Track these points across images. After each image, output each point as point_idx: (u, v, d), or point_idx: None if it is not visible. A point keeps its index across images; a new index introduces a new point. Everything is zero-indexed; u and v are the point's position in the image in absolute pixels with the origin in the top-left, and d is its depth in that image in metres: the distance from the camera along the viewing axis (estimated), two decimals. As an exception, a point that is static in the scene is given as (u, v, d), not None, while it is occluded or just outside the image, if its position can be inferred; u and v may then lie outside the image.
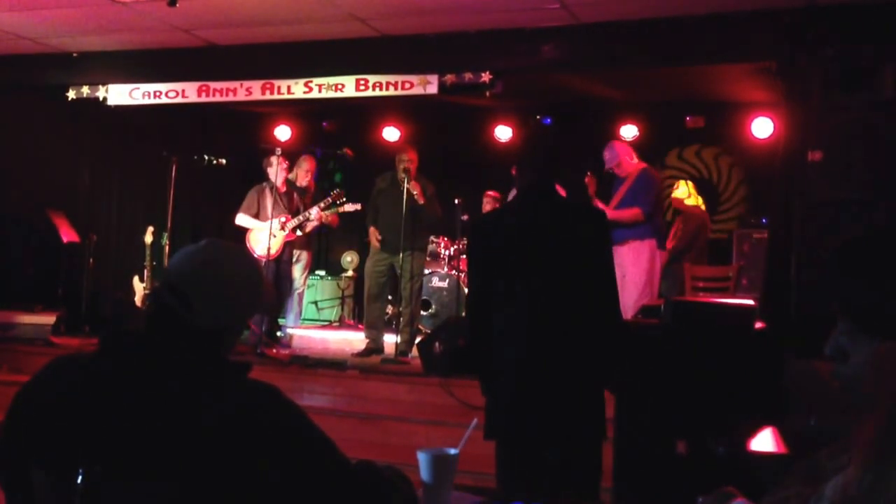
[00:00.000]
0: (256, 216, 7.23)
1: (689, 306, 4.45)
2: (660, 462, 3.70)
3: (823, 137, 5.16)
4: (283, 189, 7.40)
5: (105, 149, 8.96)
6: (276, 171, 7.28)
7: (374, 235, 7.06)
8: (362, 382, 6.06)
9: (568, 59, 6.31)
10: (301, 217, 7.33)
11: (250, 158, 8.90)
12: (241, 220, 7.30)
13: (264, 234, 7.01)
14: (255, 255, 6.90)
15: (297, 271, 7.89)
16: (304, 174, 7.75)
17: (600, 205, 6.43)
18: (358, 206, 7.52)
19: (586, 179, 6.68)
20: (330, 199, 7.42)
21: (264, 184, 7.31)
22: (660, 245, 6.12)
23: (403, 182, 6.72)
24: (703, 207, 8.09)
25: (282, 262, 7.40)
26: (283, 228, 7.22)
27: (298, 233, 7.42)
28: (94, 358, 1.68)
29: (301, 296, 8.47)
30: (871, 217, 4.87)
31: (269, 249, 6.91)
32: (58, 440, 1.59)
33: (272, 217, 7.09)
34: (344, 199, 7.47)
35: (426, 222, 6.84)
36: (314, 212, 7.34)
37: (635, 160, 6.43)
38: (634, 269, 6.07)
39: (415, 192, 6.72)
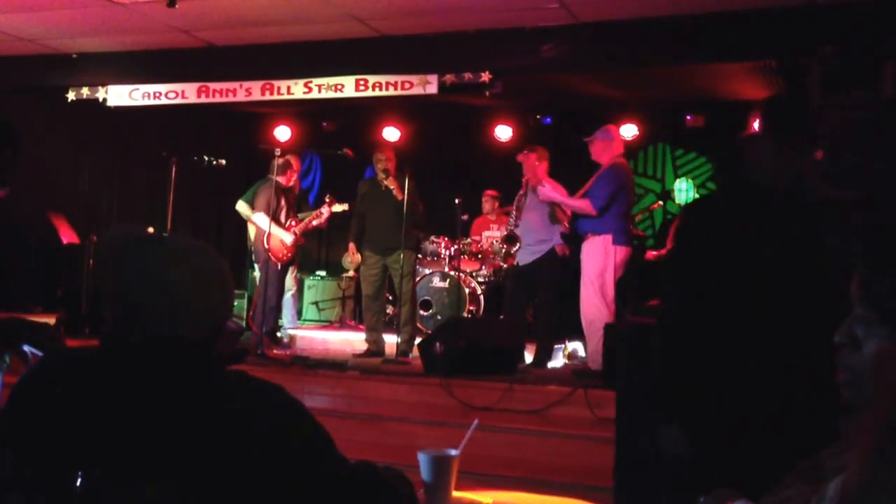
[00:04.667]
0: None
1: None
2: (661, 462, 3.69)
3: (824, 136, 5.15)
4: (288, 191, 7.45)
5: (105, 150, 8.96)
6: (291, 173, 7.34)
7: (351, 252, 7.18)
8: (363, 383, 6.05)
9: (567, 58, 6.30)
10: (310, 218, 7.37)
11: (250, 159, 8.90)
12: (260, 220, 7.20)
13: (282, 237, 7.11)
14: (274, 258, 7.03)
15: (289, 273, 7.95)
16: (293, 174, 7.70)
17: (553, 184, 6.39)
18: (346, 206, 7.56)
19: (535, 157, 6.62)
20: (328, 203, 7.45)
21: (271, 183, 7.27)
22: (617, 241, 6.03)
23: (382, 182, 6.83)
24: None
25: (289, 266, 7.53)
26: (293, 232, 7.27)
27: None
28: (94, 357, 1.66)
29: (294, 297, 8.49)
30: (873, 216, 4.85)
31: (278, 252, 7.05)
32: (55, 440, 1.58)
33: (285, 219, 7.19)
34: (339, 207, 7.54)
35: (409, 219, 6.83)
36: (324, 212, 7.38)
37: (616, 153, 6.31)
38: (588, 263, 6.04)
39: (392, 188, 6.76)
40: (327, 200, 7.47)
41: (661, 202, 8.84)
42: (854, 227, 1.36)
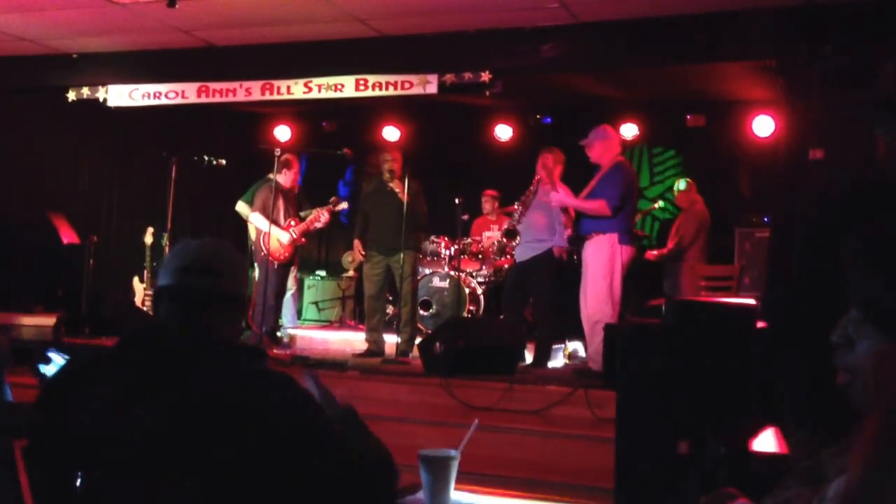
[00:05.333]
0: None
1: (690, 306, 4.45)
2: (661, 462, 3.69)
3: (824, 135, 5.15)
4: (288, 191, 7.41)
5: (105, 150, 8.96)
6: (291, 172, 7.31)
7: (357, 248, 7.14)
8: (363, 383, 6.05)
9: (567, 58, 6.30)
10: (311, 219, 7.33)
11: (250, 159, 8.90)
12: (257, 220, 7.20)
13: (279, 237, 7.09)
14: (272, 258, 7.03)
15: (290, 272, 7.95)
16: (292, 176, 7.53)
17: (564, 188, 6.38)
18: (345, 204, 7.55)
19: (552, 160, 6.56)
20: (331, 206, 7.40)
21: (271, 183, 7.26)
22: (623, 240, 6.02)
23: (388, 182, 6.83)
24: (703, 205, 8.09)
25: (289, 266, 7.50)
26: (293, 234, 7.24)
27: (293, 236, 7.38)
28: (112, 356, 1.75)
29: (294, 297, 8.47)
30: (867, 217, 4.85)
31: (275, 252, 7.08)
32: (76, 435, 1.64)
33: (284, 219, 7.16)
34: (341, 206, 7.48)
35: (411, 221, 6.83)
36: (324, 216, 7.33)
37: (616, 152, 6.31)
38: (594, 263, 6.03)
39: (397, 190, 6.76)
40: (332, 201, 7.43)
41: (660, 201, 8.84)
42: (850, 227, 1.36)
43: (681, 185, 8.11)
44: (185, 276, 1.83)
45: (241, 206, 7.39)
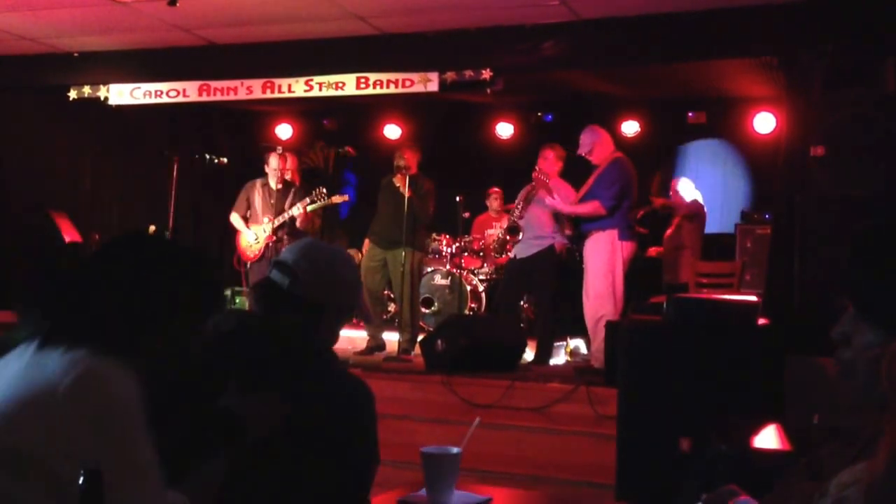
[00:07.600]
0: (246, 215, 7.15)
1: (691, 303, 4.45)
2: (663, 459, 3.70)
3: (825, 132, 5.14)
4: (280, 187, 7.24)
5: (106, 148, 8.96)
6: (272, 168, 7.20)
7: (364, 248, 7.21)
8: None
9: (568, 55, 6.29)
10: (283, 217, 7.04)
11: (251, 157, 8.90)
12: (233, 219, 7.21)
13: (249, 236, 7.03)
14: (244, 258, 6.98)
15: None
16: (272, 172, 7.22)
17: (564, 185, 6.39)
18: (345, 198, 7.48)
19: (553, 156, 6.57)
20: (308, 200, 7.05)
21: (256, 181, 7.22)
22: (623, 236, 6.02)
23: (395, 178, 6.87)
24: (700, 203, 8.08)
25: (263, 264, 7.01)
26: (263, 231, 7.05)
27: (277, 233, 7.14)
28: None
29: None
30: (874, 212, 4.86)
31: (246, 251, 7.07)
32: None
33: (261, 216, 7.05)
34: (324, 191, 7.14)
35: (414, 218, 6.82)
36: (296, 210, 7.02)
37: (611, 149, 6.33)
38: (595, 260, 6.03)
39: (398, 185, 6.76)
40: (315, 193, 7.07)
41: (662, 199, 8.84)
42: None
43: (678, 183, 8.11)
44: (272, 268, 1.96)
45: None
